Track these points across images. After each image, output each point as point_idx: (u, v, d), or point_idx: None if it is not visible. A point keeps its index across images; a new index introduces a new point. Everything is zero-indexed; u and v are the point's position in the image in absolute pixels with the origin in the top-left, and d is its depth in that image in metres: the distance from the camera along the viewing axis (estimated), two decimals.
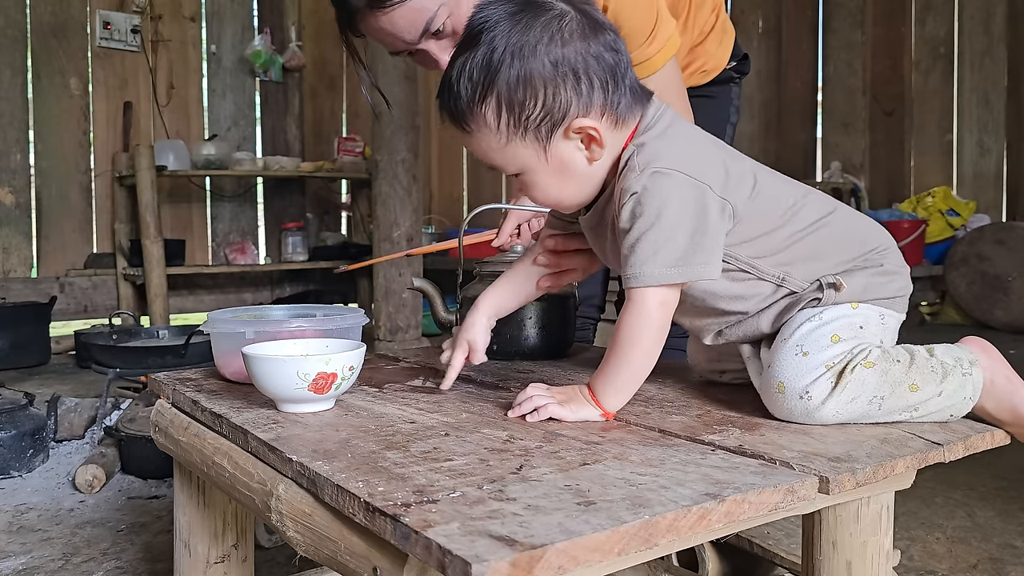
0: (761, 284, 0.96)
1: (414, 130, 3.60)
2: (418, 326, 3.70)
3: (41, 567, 1.59)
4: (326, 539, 0.72)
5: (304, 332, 1.14)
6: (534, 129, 0.89)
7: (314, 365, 0.91)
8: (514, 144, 0.90)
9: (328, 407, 0.97)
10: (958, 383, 0.92)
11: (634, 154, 0.91)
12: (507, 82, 0.87)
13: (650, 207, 0.88)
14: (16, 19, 4.23)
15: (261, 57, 4.86)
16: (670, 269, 0.88)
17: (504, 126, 0.89)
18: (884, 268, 0.97)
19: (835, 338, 0.91)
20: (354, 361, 0.96)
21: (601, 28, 0.90)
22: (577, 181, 0.94)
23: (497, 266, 1.34)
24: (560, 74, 0.87)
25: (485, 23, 0.89)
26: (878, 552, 0.90)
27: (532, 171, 0.92)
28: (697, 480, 0.70)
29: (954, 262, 4.77)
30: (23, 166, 4.28)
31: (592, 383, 0.93)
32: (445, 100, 0.92)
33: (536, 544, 0.56)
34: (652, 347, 0.91)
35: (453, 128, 0.93)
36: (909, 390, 0.90)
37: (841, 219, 0.99)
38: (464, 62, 0.89)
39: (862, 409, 0.89)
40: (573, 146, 0.91)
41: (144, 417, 2.12)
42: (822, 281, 0.94)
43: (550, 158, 0.91)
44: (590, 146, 0.91)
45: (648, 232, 0.88)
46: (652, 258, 0.88)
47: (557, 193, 0.95)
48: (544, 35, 0.87)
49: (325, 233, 5.06)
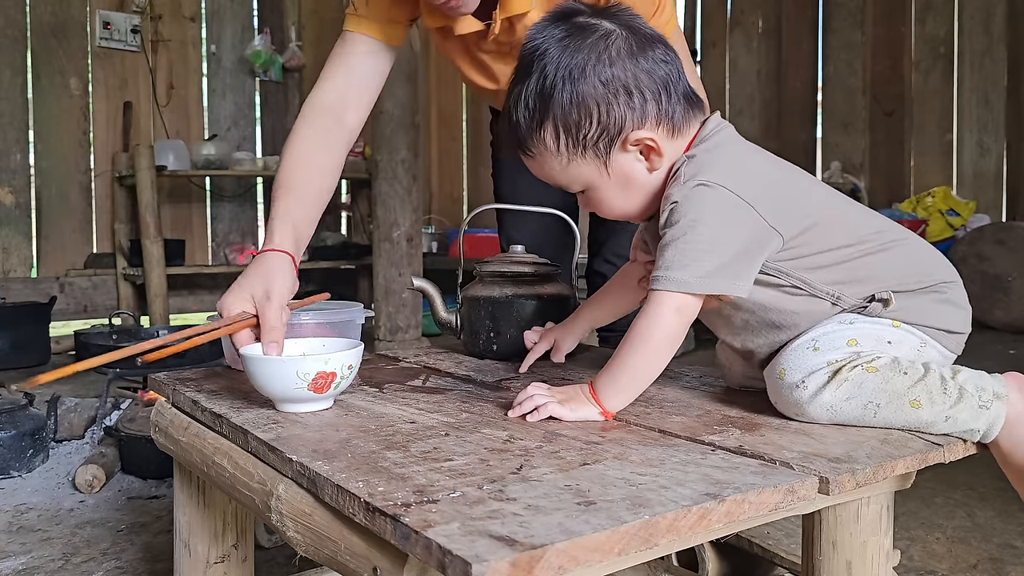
0: (815, 301, 0.94)
1: (414, 130, 3.60)
2: (418, 326, 3.70)
3: (41, 567, 1.59)
4: (326, 539, 0.72)
5: (303, 328, 1.15)
6: (592, 147, 0.92)
7: (313, 365, 0.91)
8: (575, 163, 0.94)
9: (327, 406, 0.97)
10: (970, 414, 0.86)
11: (684, 164, 0.92)
12: (561, 106, 0.91)
13: (687, 216, 0.88)
14: (16, 19, 4.23)
15: (261, 57, 4.86)
16: (695, 278, 0.87)
17: (564, 147, 0.93)
18: (947, 297, 0.95)
19: (852, 342, 0.90)
20: (353, 360, 0.96)
21: (650, 42, 0.93)
22: (640, 192, 0.96)
23: (497, 266, 1.34)
24: (611, 91, 0.91)
25: (536, 51, 0.93)
26: (878, 552, 0.90)
27: (596, 187, 0.96)
28: (697, 480, 0.70)
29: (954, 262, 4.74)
30: (23, 166, 4.28)
31: (595, 381, 0.92)
32: (507, 129, 0.96)
33: (536, 544, 0.56)
34: (661, 351, 0.90)
35: (520, 154, 0.97)
36: (910, 406, 0.86)
37: (908, 247, 0.97)
38: (520, 91, 0.94)
39: (856, 412, 0.87)
40: (632, 158, 0.94)
41: (144, 417, 2.12)
42: (875, 295, 0.92)
43: (612, 172, 0.94)
44: (649, 156, 0.94)
45: (680, 239, 0.88)
46: (678, 264, 0.88)
47: (623, 205, 0.98)
48: (592, 55, 0.91)
49: (325, 233, 5.06)
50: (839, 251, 0.94)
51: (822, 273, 0.93)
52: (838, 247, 0.94)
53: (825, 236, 0.93)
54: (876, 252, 0.95)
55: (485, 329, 1.31)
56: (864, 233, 0.95)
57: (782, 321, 0.95)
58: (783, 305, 0.94)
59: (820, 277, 0.93)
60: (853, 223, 0.96)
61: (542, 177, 0.99)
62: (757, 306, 0.95)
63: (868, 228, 0.96)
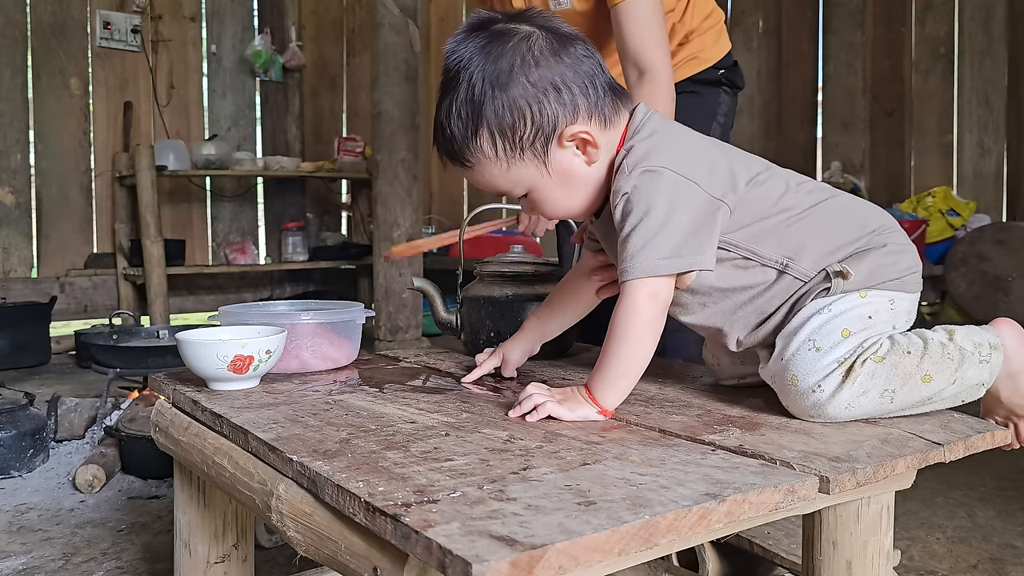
0: (765, 271, 0.96)
1: (414, 130, 3.60)
2: (418, 326, 3.70)
3: (41, 567, 1.59)
4: (326, 539, 0.72)
5: (303, 327, 1.15)
6: (530, 147, 0.93)
7: (231, 348, 1.03)
8: (515, 167, 0.94)
9: (251, 386, 1.08)
10: (974, 370, 0.92)
11: (625, 157, 0.94)
12: (494, 111, 0.92)
13: (640, 204, 0.90)
14: (16, 19, 4.23)
15: (261, 57, 4.86)
16: (660, 261, 0.89)
17: (502, 152, 0.94)
18: (888, 248, 0.97)
19: (845, 332, 0.92)
20: (270, 345, 1.06)
21: (569, 40, 0.95)
22: (581, 187, 0.97)
23: (497, 266, 1.34)
24: (540, 90, 0.92)
25: (459, 62, 0.94)
26: (878, 552, 0.90)
27: (538, 188, 0.96)
28: (697, 480, 0.70)
29: (954, 262, 4.77)
30: (23, 166, 4.28)
31: (588, 381, 0.93)
32: (441, 143, 0.97)
33: (536, 544, 0.56)
34: (644, 340, 0.91)
35: (454, 166, 0.98)
36: (922, 381, 0.90)
37: (839, 202, 1.00)
38: (450, 104, 0.94)
39: (874, 403, 0.89)
40: (570, 154, 0.95)
41: (144, 417, 2.12)
42: (828, 270, 0.94)
43: (552, 171, 0.95)
44: (586, 149, 0.95)
45: (638, 227, 0.90)
46: (641, 251, 0.89)
47: (567, 203, 0.99)
48: (516, 58, 0.92)
49: (325, 233, 5.06)
50: (780, 216, 0.96)
51: (767, 241, 0.96)
52: (778, 212, 0.96)
53: (763, 202, 0.96)
54: (812, 213, 0.97)
55: (485, 329, 1.31)
56: (799, 195, 0.98)
57: (738, 299, 0.98)
58: (735, 281, 0.97)
59: (766, 245, 0.96)
60: (787, 187, 0.98)
61: (484, 187, 0.99)
62: (710, 288, 0.97)
63: (800, 191, 0.98)
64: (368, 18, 4.20)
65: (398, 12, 3.49)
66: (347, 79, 5.33)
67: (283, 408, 0.97)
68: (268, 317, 1.20)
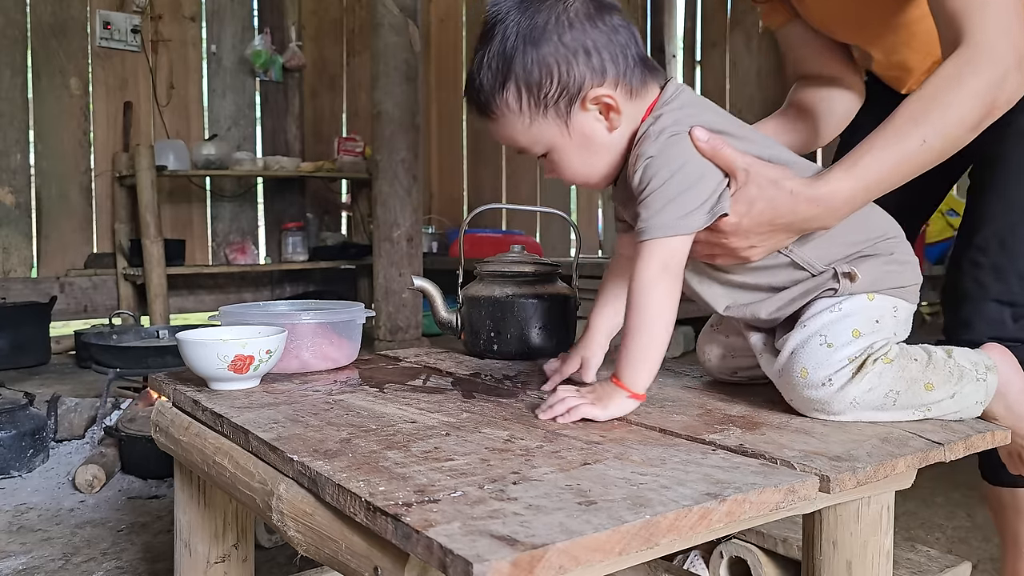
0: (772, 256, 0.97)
1: (414, 130, 3.60)
2: (418, 326, 3.70)
3: (41, 567, 1.59)
4: (327, 539, 0.72)
5: (302, 327, 1.15)
6: (554, 106, 0.94)
7: (232, 348, 1.03)
8: (537, 124, 0.95)
9: (252, 386, 1.08)
10: (972, 387, 0.94)
11: (651, 124, 0.95)
12: (523, 66, 0.93)
13: (664, 167, 0.91)
14: (16, 19, 4.23)
15: (261, 57, 4.86)
16: (678, 219, 0.89)
17: (526, 107, 0.95)
18: (894, 257, 0.98)
19: (856, 333, 0.92)
20: (271, 345, 1.06)
21: (607, 8, 0.95)
22: (600, 153, 0.98)
23: (497, 266, 1.34)
24: (571, 51, 0.93)
25: (497, 16, 0.95)
26: (878, 552, 0.91)
27: (558, 148, 0.97)
28: (698, 480, 0.70)
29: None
30: (23, 166, 4.28)
31: (616, 371, 0.92)
32: (471, 93, 0.98)
33: (537, 544, 0.56)
34: (662, 312, 0.89)
35: (481, 119, 0.99)
36: (924, 389, 0.92)
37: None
38: (482, 55, 0.96)
39: (877, 401, 0.90)
40: (592, 117, 0.96)
41: (144, 417, 2.12)
42: (836, 270, 0.95)
43: (572, 132, 0.96)
44: (608, 115, 0.96)
45: (661, 188, 0.90)
46: (662, 211, 0.89)
47: (584, 167, 0.99)
48: (551, 17, 0.93)
49: (325, 233, 5.06)
50: None
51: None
52: None
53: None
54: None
55: (485, 329, 1.31)
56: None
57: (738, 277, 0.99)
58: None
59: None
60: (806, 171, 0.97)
61: (506, 141, 1.00)
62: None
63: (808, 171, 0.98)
64: (368, 18, 4.20)
65: (398, 12, 3.49)
66: (347, 79, 5.33)
67: (284, 408, 0.97)
68: (268, 317, 1.20)
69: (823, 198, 0.91)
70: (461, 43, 5.72)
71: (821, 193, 0.91)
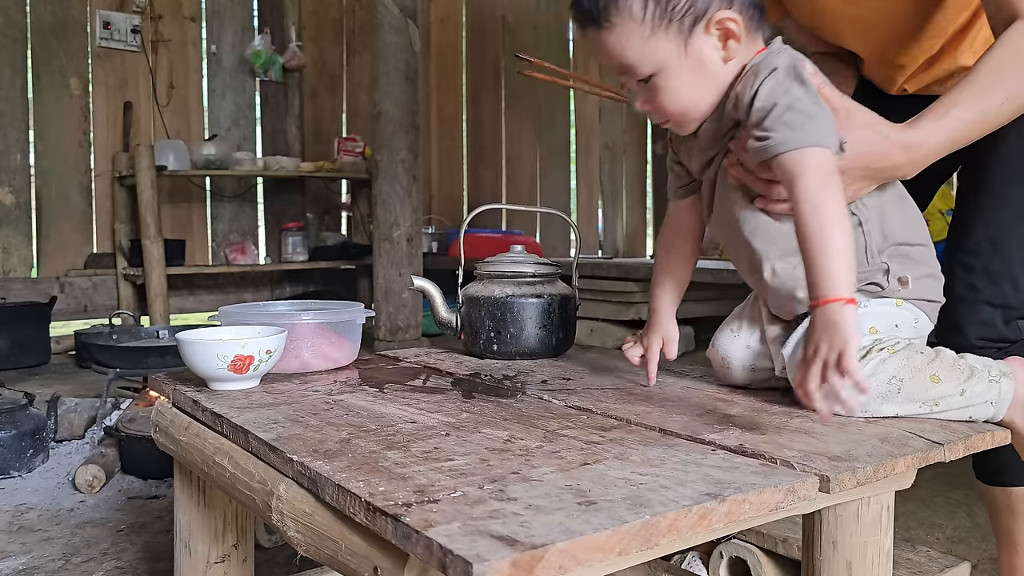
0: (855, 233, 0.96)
1: (414, 130, 3.60)
2: (418, 326, 3.70)
3: (41, 567, 1.59)
4: (327, 539, 0.72)
5: (303, 327, 1.15)
6: (678, 20, 0.91)
7: (231, 348, 1.03)
8: (656, 38, 0.92)
9: (251, 386, 1.08)
10: (983, 387, 0.92)
11: (765, 56, 0.92)
12: None
13: (795, 83, 0.87)
14: (16, 19, 4.23)
15: (261, 57, 4.86)
16: (824, 136, 0.86)
17: (650, 17, 0.91)
18: (932, 272, 1.00)
19: (872, 330, 0.94)
20: (271, 345, 1.06)
21: None
22: (709, 84, 0.94)
23: (497, 266, 1.34)
24: None
25: None
26: (878, 552, 0.90)
27: (669, 71, 0.93)
28: (698, 480, 0.70)
29: None
30: (23, 166, 4.27)
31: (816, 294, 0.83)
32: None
33: (537, 544, 0.56)
34: (841, 205, 0.84)
35: (590, 28, 0.94)
36: (930, 380, 0.91)
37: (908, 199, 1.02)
38: None
39: (881, 388, 0.90)
40: (711, 43, 0.93)
41: (144, 417, 2.12)
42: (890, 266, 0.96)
43: (689, 54, 0.92)
44: (727, 43, 0.92)
45: (801, 99, 0.86)
46: (805, 125, 0.85)
47: (688, 95, 0.95)
48: None
49: (325, 233, 5.06)
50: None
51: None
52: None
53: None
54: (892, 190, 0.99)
55: (485, 329, 1.31)
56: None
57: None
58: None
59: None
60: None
61: (613, 55, 0.95)
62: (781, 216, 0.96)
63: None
64: (368, 18, 4.20)
65: (398, 12, 3.49)
66: (347, 79, 5.33)
67: (283, 408, 0.97)
68: (268, 317, 1.20)
69: (914, 146, 0.92)
70: (461, 43, 5.72)
71: (913, 140, 0.92)
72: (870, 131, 0.92)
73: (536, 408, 0.96)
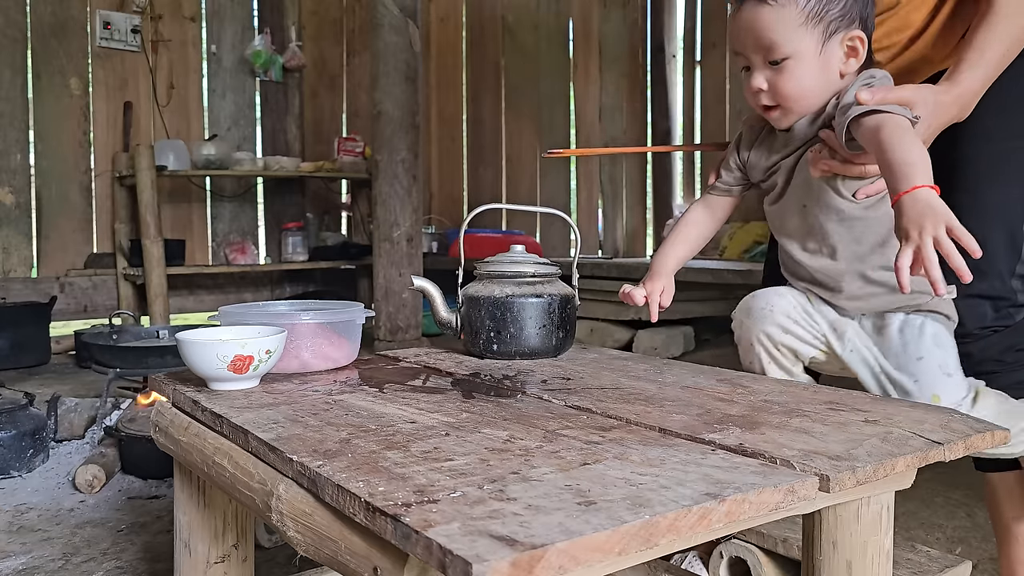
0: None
1: (414, 130, 3.60)
2: (418, 326, 3.70)
3: (41, 567, 1.59)
4: (326, 539, 0.72)
5: (303, 327, 1.15)
6: (827, 23, 1.05)
7: (231, 348, 1.03)
8: (805, 27, 1.05)
9: (251, 386, 1.08)
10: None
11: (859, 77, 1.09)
12: None
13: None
14: (16, 19, 4.23)
15: (261, 57, 4.86)
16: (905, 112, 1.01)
17: (809, 8, 1.05)
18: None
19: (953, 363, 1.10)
20: (271, 345, 1.06)
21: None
22: (826, 82, 1.09)
23: (497, 266, 1.34)
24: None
25: None
26: (878, 552, 0.90)
27: (801, 60, 1.07)
28: (698, 480, 0.70)
29: None
30: (23, 166, 4.27)
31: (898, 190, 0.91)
32: None
33: (537, 544, 0.56)
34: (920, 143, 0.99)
35: (751, 1, 1.07)
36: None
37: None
38: None
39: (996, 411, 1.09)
40: (840, 53, 1.08)
41: (144, 417, 2.12)
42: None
43: (822, 53, 1.07)
44: (849, 60, 1.08)
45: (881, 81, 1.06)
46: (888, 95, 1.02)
47: (809, 84, 1.08)
48: None
49: (325, 233, 5.06)
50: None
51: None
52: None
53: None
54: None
55: (485, 329, 1.31)
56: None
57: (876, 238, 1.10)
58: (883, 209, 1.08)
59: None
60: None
61: (760, 29, 1.07)
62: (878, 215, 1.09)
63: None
64: (368, 18, 4.20)
65: (398, 12, 3.49)
66: (347, 79, 5.33)
67: (283, 408, 0.97)
68: (268, 317, 1.20)
69: (961, 95, 1.06)
70: (461, 43, 5.72)
71: (958, 92, 1.06)
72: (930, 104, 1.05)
73: (536, 408, 0.96)
